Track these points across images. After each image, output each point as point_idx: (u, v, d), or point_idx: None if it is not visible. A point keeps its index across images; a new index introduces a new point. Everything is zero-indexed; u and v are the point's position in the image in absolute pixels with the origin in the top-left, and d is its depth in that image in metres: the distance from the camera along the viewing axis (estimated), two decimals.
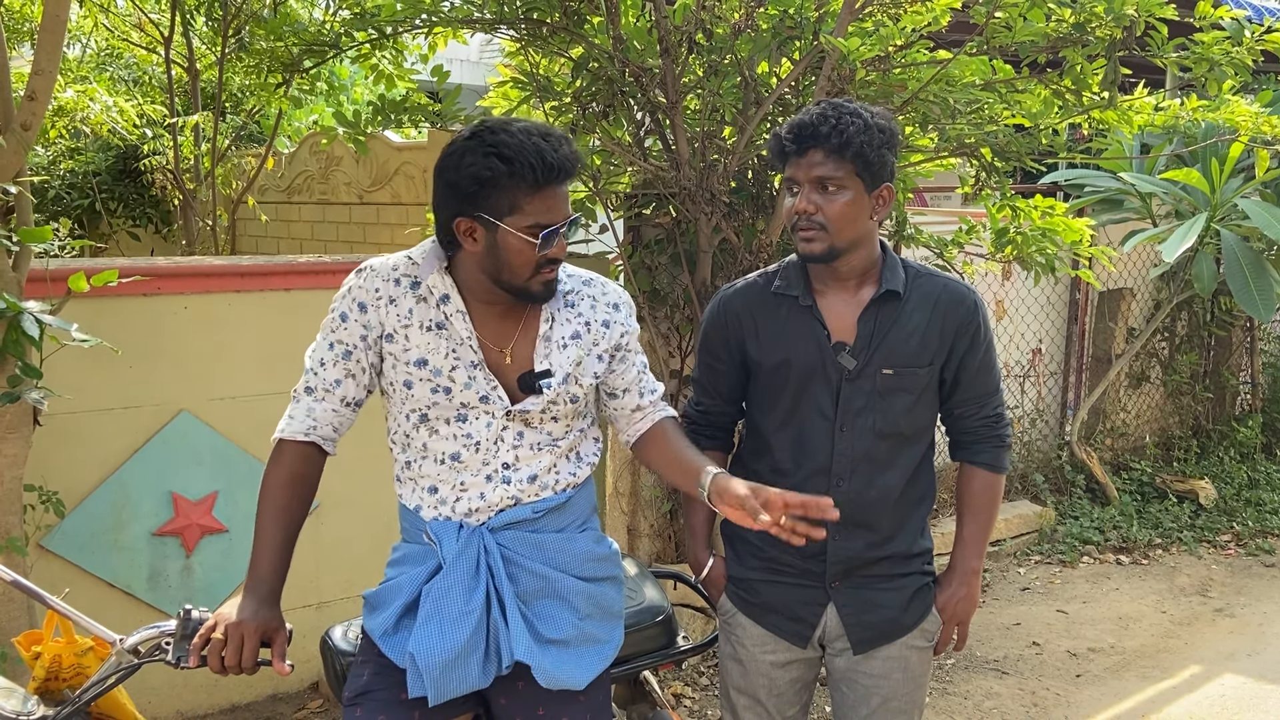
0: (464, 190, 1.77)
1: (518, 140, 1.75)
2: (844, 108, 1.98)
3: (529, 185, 1.76)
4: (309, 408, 1.92)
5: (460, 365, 1.87)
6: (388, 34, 3.72)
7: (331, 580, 3.69)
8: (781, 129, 2.00)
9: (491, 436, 1.90)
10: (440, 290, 1.88)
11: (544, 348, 1.92)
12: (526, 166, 1.74)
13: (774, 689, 2.19)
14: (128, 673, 1.81)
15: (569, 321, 1.95)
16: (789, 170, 2.03)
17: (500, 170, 1.74)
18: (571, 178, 1.83)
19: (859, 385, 2.06)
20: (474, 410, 1.89)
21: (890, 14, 3.53)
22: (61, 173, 6.17)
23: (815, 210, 1.98)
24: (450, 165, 1.79)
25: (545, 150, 1.76)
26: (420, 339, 1.87)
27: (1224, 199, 5.53)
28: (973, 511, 2.20)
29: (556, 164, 1.76)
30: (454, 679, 1.84)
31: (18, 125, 2.69)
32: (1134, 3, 3.15)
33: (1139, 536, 5.56)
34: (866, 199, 2.00)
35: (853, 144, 1.94)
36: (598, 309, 1.98)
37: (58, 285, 2.84)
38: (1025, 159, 3.80)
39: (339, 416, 1.93)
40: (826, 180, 1.97)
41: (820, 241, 2.00)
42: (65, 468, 3.19)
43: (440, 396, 1.87)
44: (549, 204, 1.79)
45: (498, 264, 1.82)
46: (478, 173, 1.75)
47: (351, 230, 5.77)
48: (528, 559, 1.91)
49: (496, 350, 1.90)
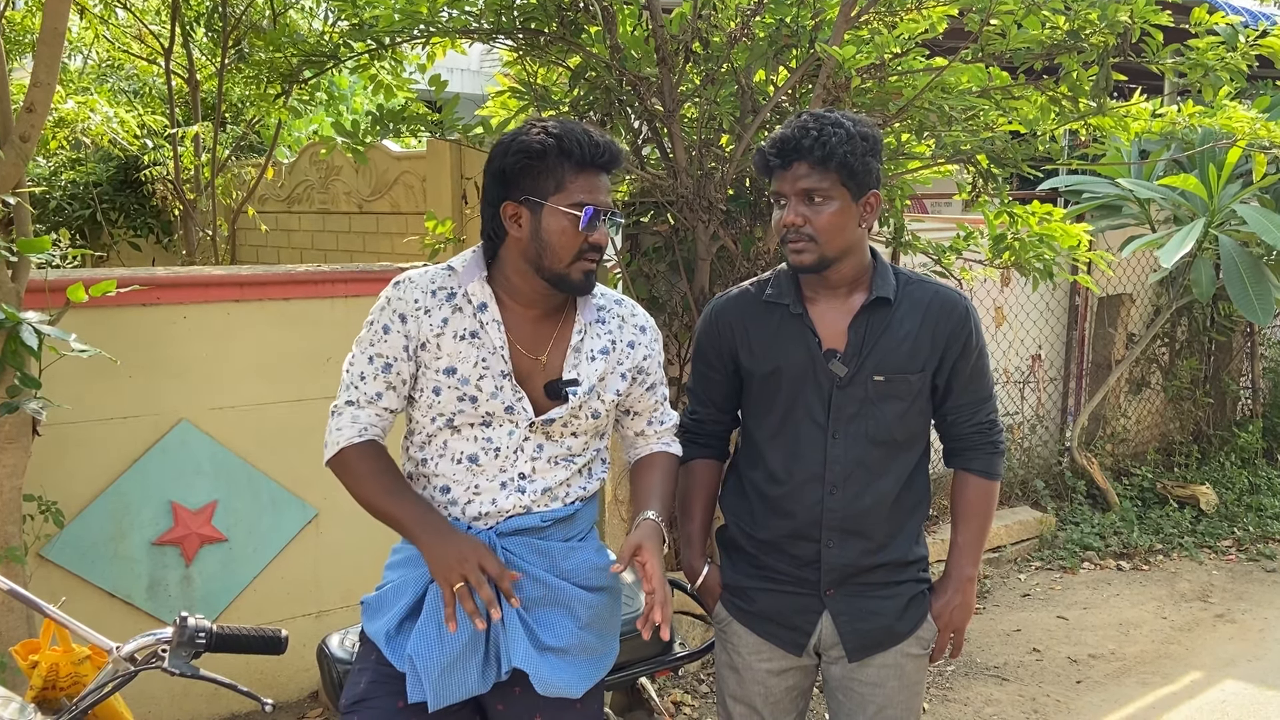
0: (512, 171, 1.86)
1: (566, 127, 1.87)
2: (825, 118, 1.99)
3: (575, 163, 1.85)
4: (353, 416, 1.94)
5: (489, 375, 1.91)
6: (386, 44, 3.74)
7: (331, 589, 3.69)
8: (765, 144, 2.03)
9: (513, 445, 1.93)
10: (479, 298, 1.93)
11: (574, 358, 1.97)
12: (574, 143, 1.84)
13: (770, 696, 2.19)
14: (124, 680, 1.81)
15: (599, 336, 2.00)
16: (775, 184, 2.05)
17: (550, 145, 1.84)
18: (616, 167, 1.92)
19: (850, 392, 2.07)
20: (499, 418, 1.92)
21: (886, 22, 3.55)
22: (63, 183, 6.19)
23: (803, 222, 2.00)
24: (500, 151, 1.89)
25: (593, 133, 1.88)
26: (452, 347, 1.91)
27: (1222, 204, 5.53)
28: (967, 518, 2.21)
29: (603, 145, 1.87)
30: (453, 683, 1.85)
31: (16, 137, 2.70)
32: (1127, 10, 3.16)
33: (1140, 542, 5.56)
34: (853, 207, 2.01)
35: (836, 154, 1.96)
36: (625, 329, 2.04)
37: (57, 296, 2.85)
38: (1022, 165, 3.81)
39: (383, 420, 1.97)
40: (812, 192, 1.99)
41: (810, 253, 2.02)
42: (65, 478, 3.20)
43: (466, 405, 1.91)
44: (592, 185, 1.88)
45: (540, 247, 1.88)
46: (528, 145, 1.85)
47: (351, 240, 5.78)
48: (532, 565, 1.93)
49: (531, 357, 1.95)
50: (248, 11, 5.15)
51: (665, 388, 2.13)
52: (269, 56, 3.93)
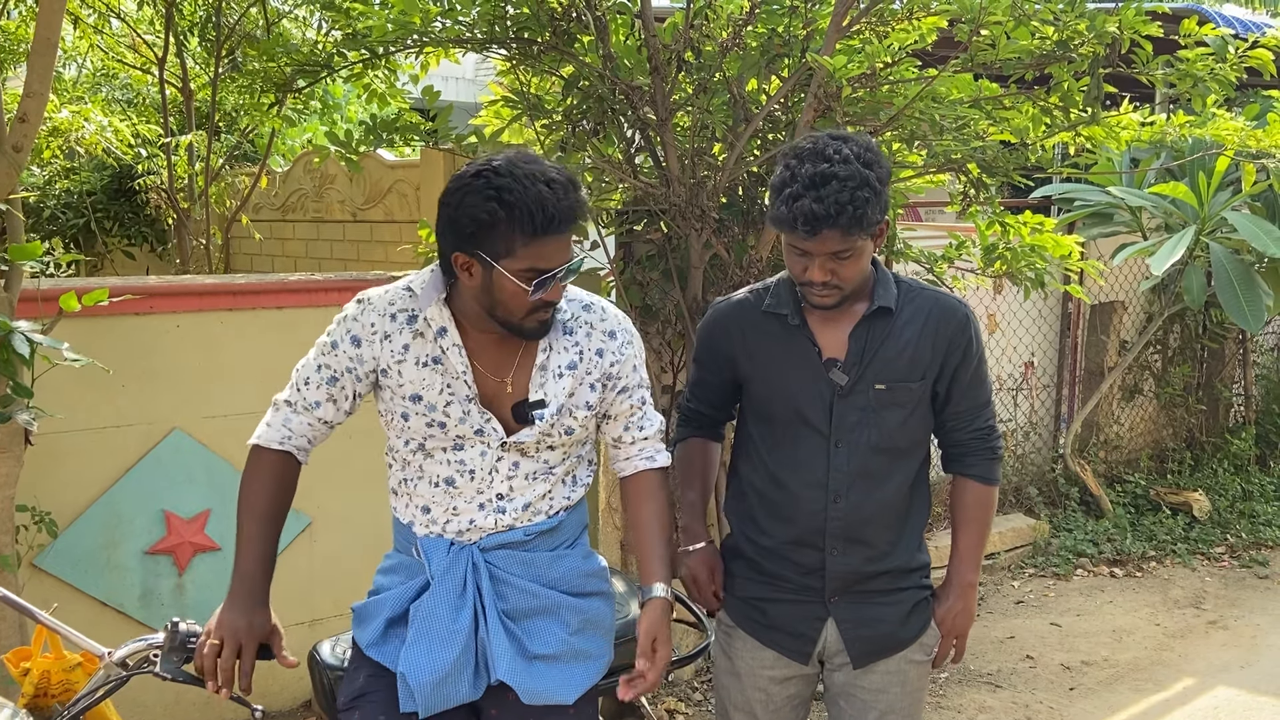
0: (463, 228, 1.76)
1: (521, 186, 1.73)
2: (850, 179, 1.89)
3: (527, 233, 1.74)
4: (286, 418, 1.93)
5: (455, 400, 1.88)
6: (380, 54, 3.75)
7: (324, 597, 3.69)
8: (791, 210, 1.91)
9: (486, 466, 1.90)
10: (438, 323, 1.88)
11: (540, 377, 1.91)
12: (526, 215, 1.73)
13: (771, 704, 2.19)
14: (116, 685, 1.82)
15: (565, 350, 1.93)
16: (798, 243, 1.97)
17: (499, 216, 1.73)
18: (573, 225, 1.80)
19: (851, 401, 2.07)
20: (469, 440, 1.90)
21: (877, 32, 3.56)
22: (56, 192, 6.18)
23: (831, 277, 1.98)
24: (453, 201, 1.78)
25: (547, 200, 1.74)
26: (415, 374, 1.87)
27: (1212, 212, 5.56)
28: (966, 524, 2.21)
29: (557, 214, 1.74)
30: (444, 694, 1.86)
31: (10, 147, 2.71)
32: (1116, 21, 3.18)
33: (1133, 549, 5.57)
34: (871, 245, 2.01)
35: (867, 219, 1.92)
36: (593, 337, 1.95)
37: (50, 304, 2.85)
38: (1013, 174, 3.83)
39: (314, 430, 1.94)
40: (841, 253, 1.96)
41: (834, 297, 2.03)
42: (58, 487, 3.20)
43: (435, 430, 1.89)
44: (546, 251, 1.77)
45: (492, 301, 1.82)
46: (476, 215, 1.74)
47: (345, 248, 5.78)
48: (517, 576, 1.92)
49: (496, 380, 1.90)
50: (241, 21, 5.16)
51: (645, 390, 2.04)
52: (263, 66, 3.94)
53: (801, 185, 1.90)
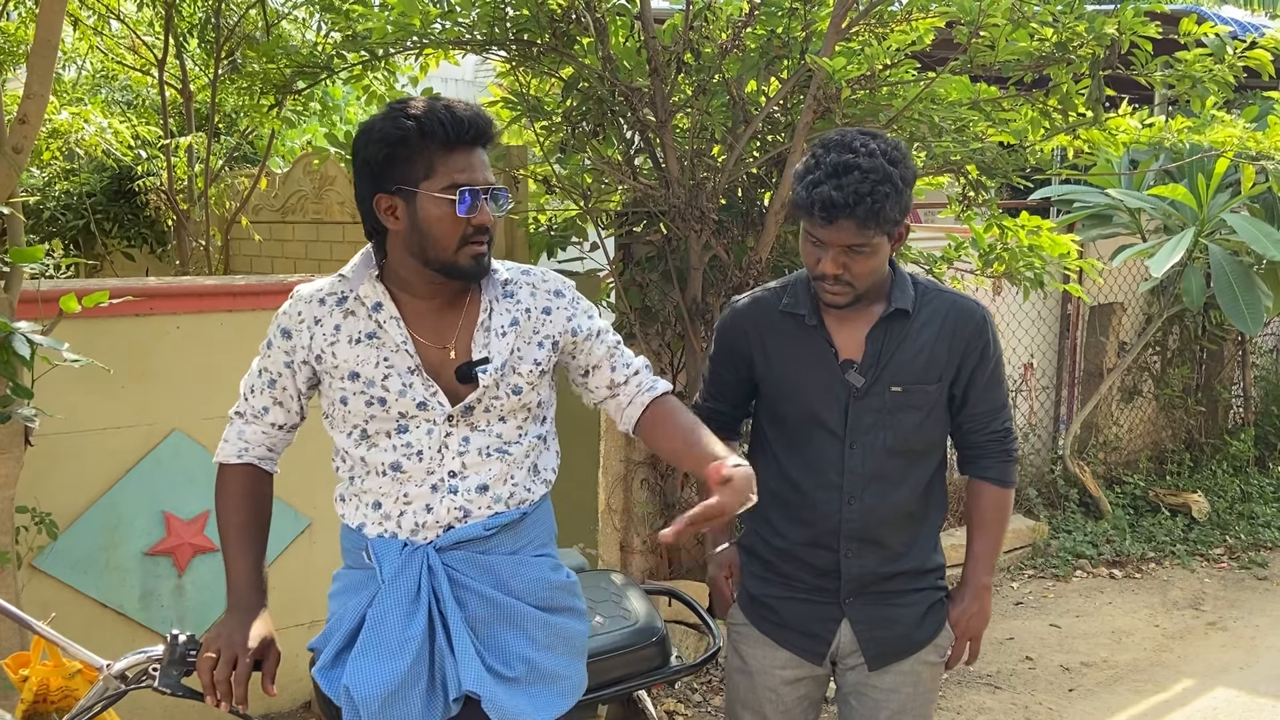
0: (377, 162, 1.75)
1: (425, 104, 1.75)
2: (873, 173, 1.90)
3: (441, 143, 1.73)
4: (240, 431, 1.93)
5: (394, 373, 1.81)
6: (379, 55, 3.75)
7: (324, 598, 3.66)
8: (811, 195, 1.92)
9: (434, 444, 1.81)
10: (372, 299, 1.83)
11: (483, 336, 1.84)
12: (436, 123, 1.72)
13: (781, 704, 2.19)
14: (114, 699, 1.81)
15: (508, 311, 1.88)
16: (814, 231, 1.98)
17: (409, 128, 1.72)
18: (487, 140, 1.79)
19: (867, 403, 2.06)
20: (413, 419, 1.82)
21: (876, 33, 3.57)
22: (56, 194, 6.19)
23: (843, 271, 1.98)
24: (362, 141, 1.78)
25: (456, 108, 1.74)
26: (348, 353, 1.82)
27: (1211, 214, 5.56)
28: (982, 526, 2.21)
29: (467, 119, 1.74)
30: (394, 716, 1.73)
31: (10, 148, 2.71)
32: (1114, 22, 3.18)
33: (1132, 550, 5.57)
34: (888, 245, 2.00)
35: (884, 215, 1.91)
36: (538, 295, 1.91)
37: (50, 306, 2.85)
38: (1012, 176, 3.84)
39: (269, 438, 1.93)
40: (856, 246, 1.95)
41: (846, 296, 2.02)
42: (57, 488, 3.19)
43: (376, 408, 1.81)
44: (465, 164, 1.75)
45: (422, 239, 1.76)
46: (388, 133, 1.73)
47: (345, 249, 5.78)
48: (476, 581, 1.81)
49: (439, 348, 1.84)
50: (241, 23, 5.17)
51: (613, 334, 1.97)
52: (262, 67, 3.94)
53: (824, 172, 1.92)
